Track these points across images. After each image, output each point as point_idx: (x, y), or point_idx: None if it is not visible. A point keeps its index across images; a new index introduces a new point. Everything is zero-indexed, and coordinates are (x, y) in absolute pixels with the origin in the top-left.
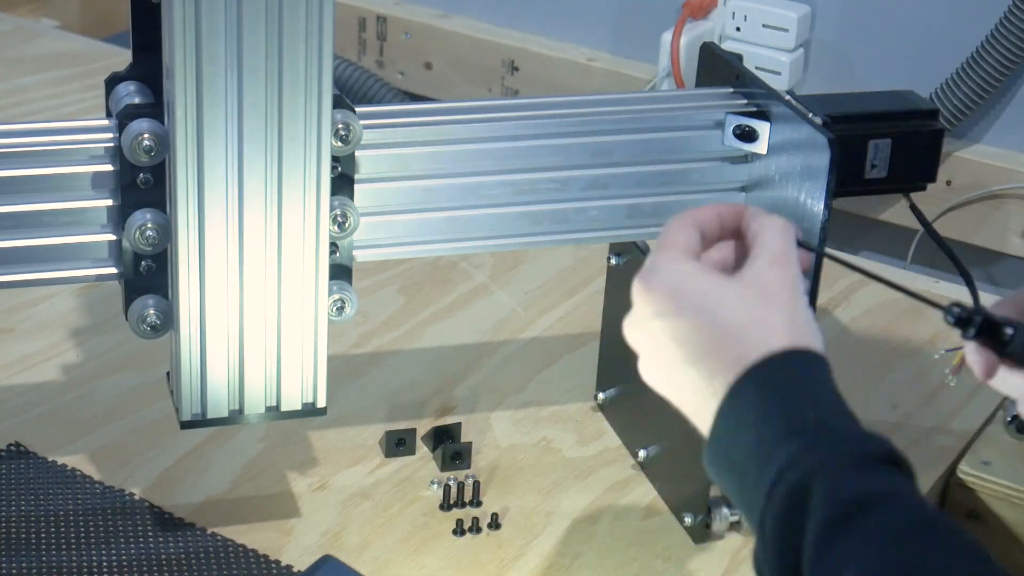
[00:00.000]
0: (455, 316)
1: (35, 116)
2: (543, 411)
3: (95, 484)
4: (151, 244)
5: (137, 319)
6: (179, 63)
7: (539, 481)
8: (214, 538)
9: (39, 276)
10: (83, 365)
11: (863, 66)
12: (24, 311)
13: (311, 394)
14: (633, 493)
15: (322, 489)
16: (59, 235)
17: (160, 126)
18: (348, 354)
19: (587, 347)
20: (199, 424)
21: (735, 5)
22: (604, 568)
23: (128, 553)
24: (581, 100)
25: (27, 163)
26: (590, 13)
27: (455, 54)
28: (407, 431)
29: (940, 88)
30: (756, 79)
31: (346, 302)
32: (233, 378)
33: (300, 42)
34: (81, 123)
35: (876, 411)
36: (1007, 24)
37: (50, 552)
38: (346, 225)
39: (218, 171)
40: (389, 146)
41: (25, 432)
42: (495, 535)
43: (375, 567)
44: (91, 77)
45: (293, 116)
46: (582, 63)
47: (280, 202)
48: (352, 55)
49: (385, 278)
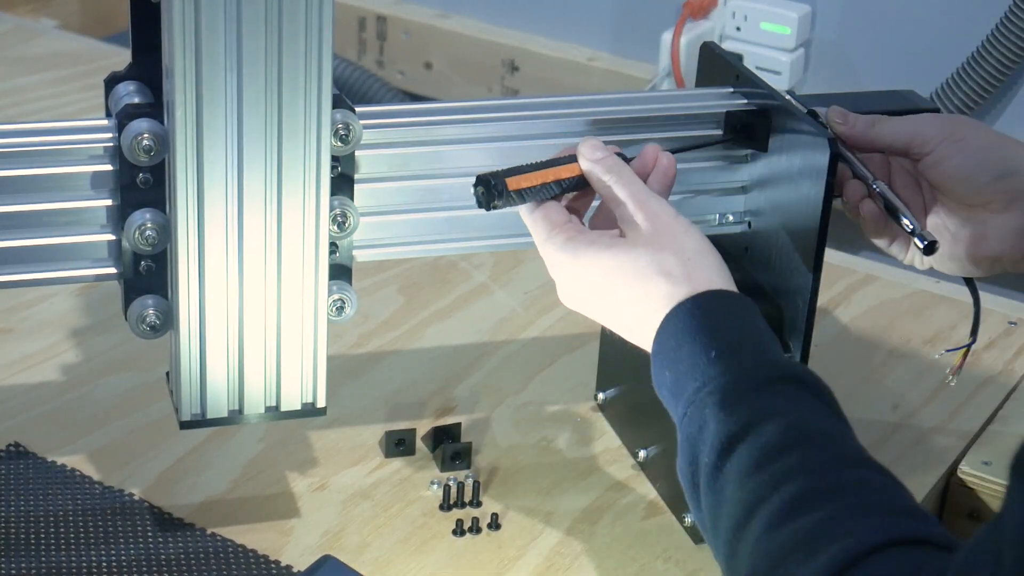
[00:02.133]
0: (455, 316)
1: (35, 116)
2: (543, 411)
3: (95, 484)
4: (151, 244)
5: (136, 319)
6: (179, 63)
7: (539, 481)
8: (214, 538)
9: (39, 276)
10: (83, 365)
11: (863, 66)
12: (24, 311)
13: (311, 394)
14: (633, 493)
15: (322, 489)
16: (59, 235)
17: (160, 126)
18: (348, 354)
19: (587, 347)
20: (199, 424)
21: (735, 5)
22: (604, 568)
23: (128, 554)
24: (581, 100)
25: (27, 163)
26: (590, 13)
27: (455, 54)
28: (407, 431)
29: (941, 88)
30: (756, 79)
31: (346, 302)
32: (233, 378)
33: (300, 42)
34: (81, 123)
35: (876, 411)
36: (1007, 24)
37: (49, 552)
38: (346, 225)
39: (218, 171)
40: (389, 146)
41: (25, 432)
42: (495, 535)
43: (375, 567)
44: (91, 77)
45: (293, 116)
46: (582, 63)
47: (280, 202)
48: (352, 55)
49: (385, 278)
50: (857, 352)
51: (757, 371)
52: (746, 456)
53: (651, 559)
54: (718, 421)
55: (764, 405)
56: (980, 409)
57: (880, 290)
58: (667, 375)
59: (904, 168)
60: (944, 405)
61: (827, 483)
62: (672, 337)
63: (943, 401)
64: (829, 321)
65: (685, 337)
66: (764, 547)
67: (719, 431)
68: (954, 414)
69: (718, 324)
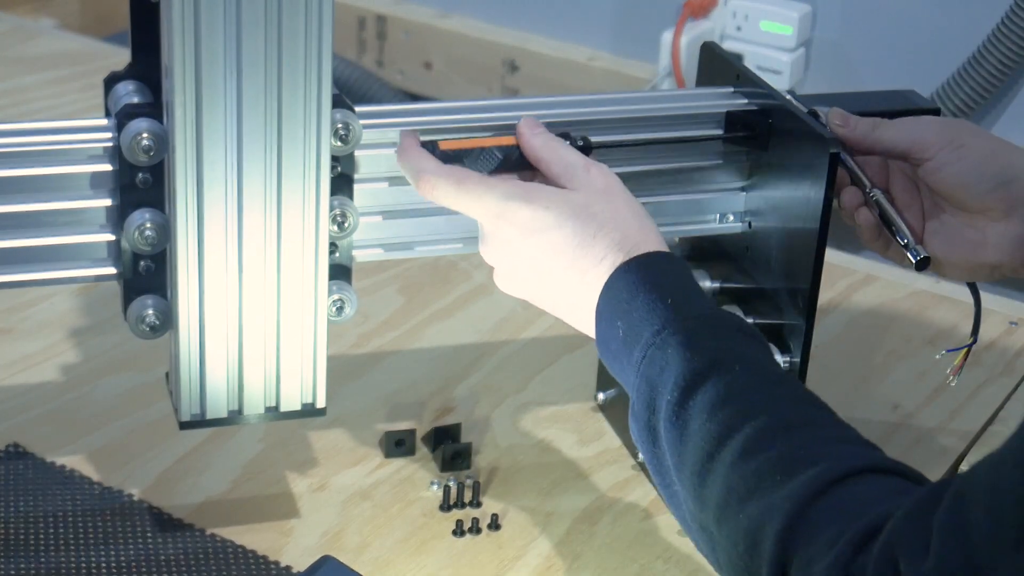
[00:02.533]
0: (455, 316)
1: (34, 116)
2: (543, 411)
3: (94, 485)
4: (150, 244)
5: (136, 319)
6: (178, 62)
7: (539, 481)
8: (213, 539)
9: (38, 276)
10: (83, 365)
11: (864, 66)
12: (23, 311)
13: (311, 394)
14: (633, 493)
15: (322, 489)
16: (58, 235)
17: (159, 126)
18: (348, 354)
19: (587, 347)
20: (198, 424)
21: (735, 5)
22: (604, 568)
23: (127, 554)
24: (581, 100)
25: (26, 163)
26: (590, 13)
27: (455, 54)
28: (407, 431)
29: (941, 88)
30: (756, 79)
31: (346, 302)
32: (232, 378)
33: (300, 42)
34: (80, 123)
35: (876, 411)
36: (1008, 24)
37: (49, 553)
38: (346, 225)
39: (217, 171)
40: (389, 146)
41: (24, 433)
42: (495, 536)
43: (375, 568)
44: (90, 77)
45: (293, 116)
46: (582, 63)
47: (280, 202)
48: (352, 55)
49: (385, 278)
50: (857, 352)
51: (714, 318)
52: (713, 392)
53: (651, 559)
54: (683, 360)
55: (727, 347)
56: (980, 409)
57: (880, 290)
58: (619, 325)
59: (903, 172)
60: (944, 405)
61: (800, 416)
62: (624, 290)
63: (943, 401)
64: (829, 321)
65: (640, 288)
66: (739, 472)
67: (684, 369)
68: (954, 414)
69: (669, 278)
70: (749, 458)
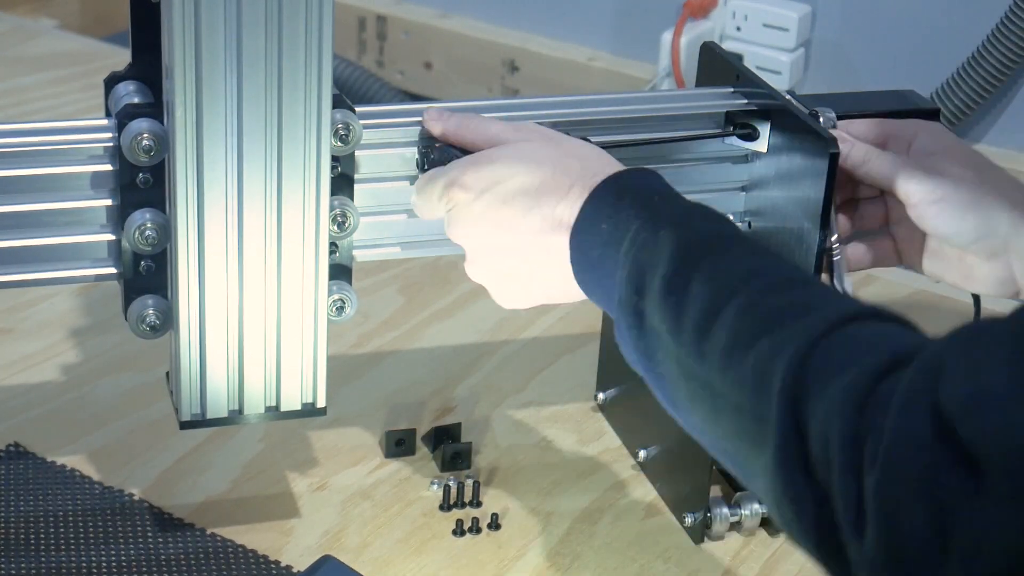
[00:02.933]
0: (455, 316)
1: (34, 116)
2: (543, 411)
3: (94, 484)
4: (150, 244)
5: (136, 319)
6: (178, 63)
7: (539, 481)
8: (214, 539)
9: (38, 276)
10: (83, 365)
11: (864, 66)
12: (24, 311)
13: (311, 394)
14: (633, 493)
15: (322, 489)
16: (58, 235)
17: (159, 126)
18: (348, 354)
19: (587, 347)
20: (199, 424)
21: (735, 5)
22: (604, 568)
23: (127, 554)
24: (581, 100)
25: (26, 163)
26: (590, 13)
27: (455, 54)
28: (407, 431)
29: (941, 88)
30: (756, 79)
31: (346, 302)
32: (232, 378)
33: (300, 42)
34: (80, 123)
35: None
36: (1008, 24)
37: (49, 553)
38: (346, 225)
39: (218, 171)
40: (389, 146)
41: (24, 432)
42: (495, 535)
43: (375, 567)
44: (90, 77)
45: (293, 116)
46: (582, 63)
47: (280, 202)
48: (352, 55)
49: (385, 278)
50: None
51: (706, 208)
52: (713, 259)
53: (651, 559)
54: (677, 237)
55: (722, 229)
56: None
57: (880, 290)
58: (603, 228)
59: None
60: None
61: (802, 276)
62: (611, 194)
63: None
64: None
65: (627, 191)
66: (748, 317)
67: (680, 244)
68: None
69: (655, 183)
70: (755, 307)
